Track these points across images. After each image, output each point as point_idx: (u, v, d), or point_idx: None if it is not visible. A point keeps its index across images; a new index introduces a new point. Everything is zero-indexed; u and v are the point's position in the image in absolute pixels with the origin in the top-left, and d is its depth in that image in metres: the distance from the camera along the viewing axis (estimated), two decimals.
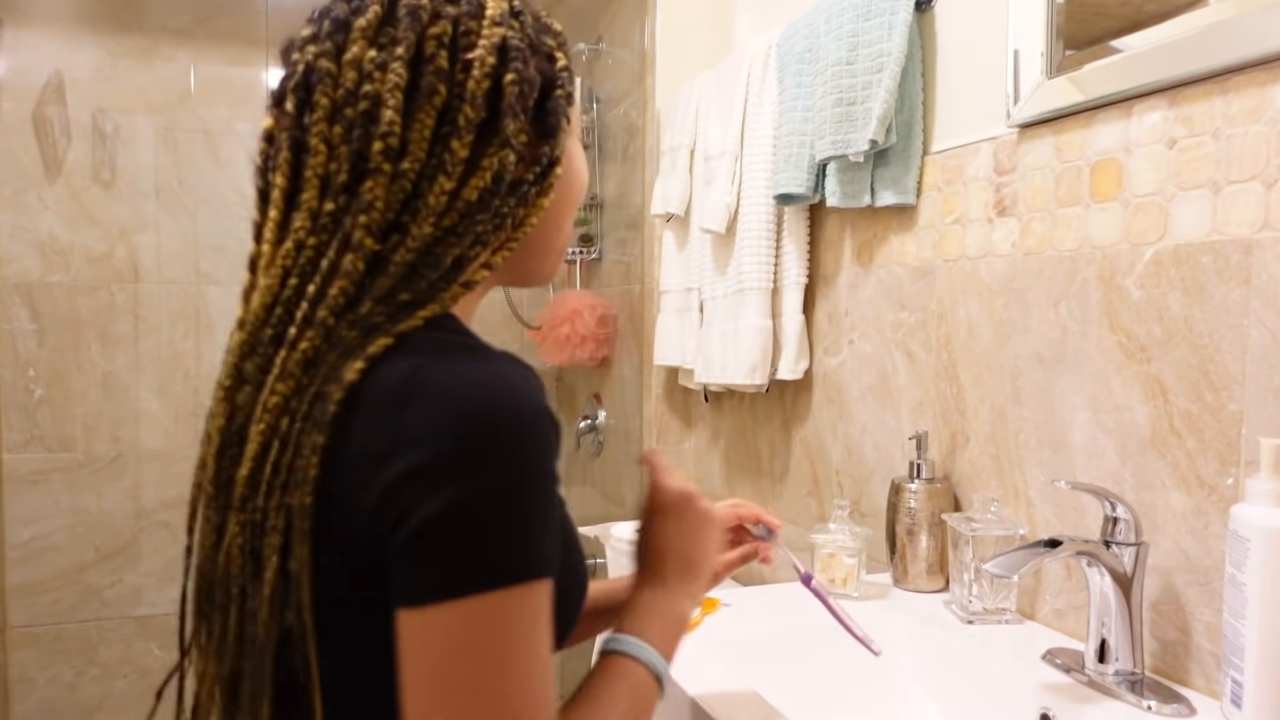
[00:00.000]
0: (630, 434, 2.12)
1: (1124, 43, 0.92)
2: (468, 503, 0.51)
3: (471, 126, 0.59)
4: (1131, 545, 0.85)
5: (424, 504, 0.51)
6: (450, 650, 0.51)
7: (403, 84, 0.58)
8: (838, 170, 1.32)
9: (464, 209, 0.59)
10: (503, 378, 0.54)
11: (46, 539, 2.22)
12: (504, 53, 0.60)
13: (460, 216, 0.59)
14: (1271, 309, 0.79)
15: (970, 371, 1.15)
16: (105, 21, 2.23)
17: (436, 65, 0.59)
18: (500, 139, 0.60)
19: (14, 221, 2.16)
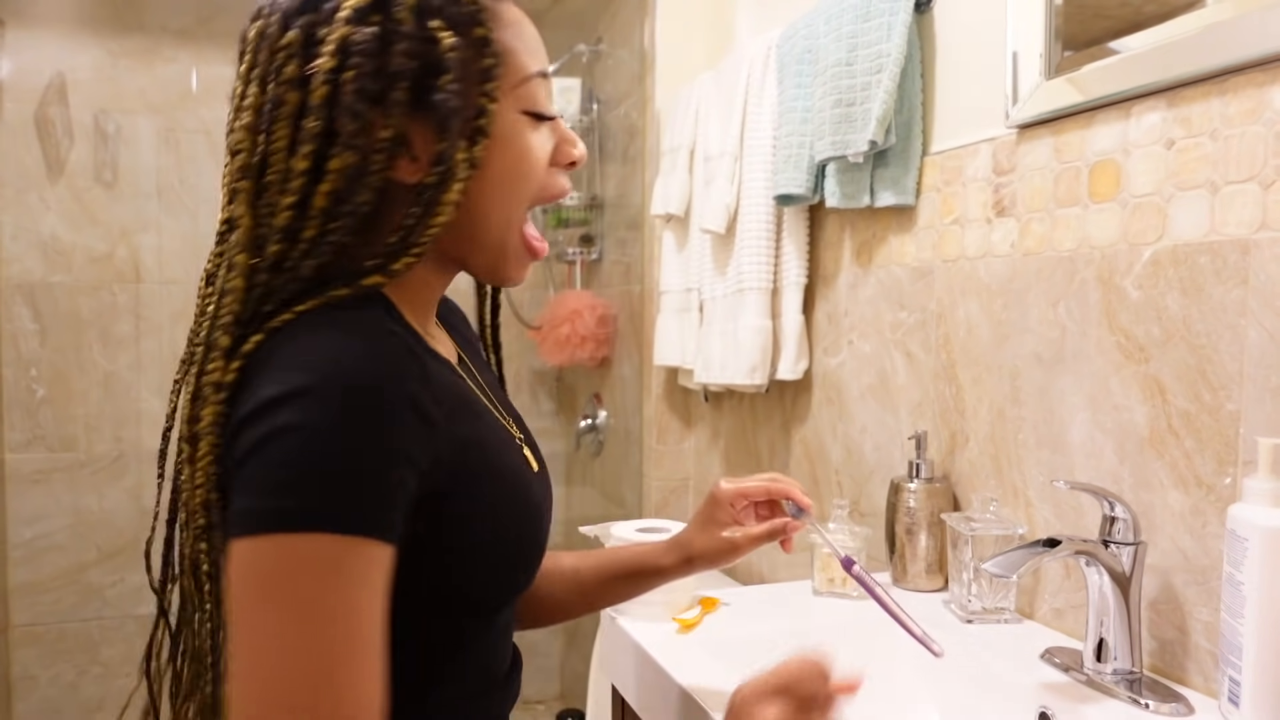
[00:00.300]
0: (630, 434, 2.12)
1: (1122, 44, 0.93)
2: (278, 437, 0.53)
3: (311, 136, 0.59)
4: (1130, 545, 0.86)
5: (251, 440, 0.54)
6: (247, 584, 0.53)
7: (256, 102, 0.61)
8: (837, 171, 1.32)
9: (318, 219, 0.60)
10: (348, 348, 0.56)
11: (48, 538, 2.22)
12: (345, 53, 0.59)
13: (317, 228, 0.60)
14: (1269, 309, 0.79)
15: (969, 371, 1.16)
16: (106, 22, 2.23)
17: (285, 76, 0.60)
18: (341, 142, 0.59)
19: (16, 222, 2.17)
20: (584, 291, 2.37)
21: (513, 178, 0.66)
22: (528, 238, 0.70)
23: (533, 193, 0.68)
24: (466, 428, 0.64)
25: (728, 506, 0.84)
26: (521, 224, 0.69)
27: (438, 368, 0.64)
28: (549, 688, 2.62)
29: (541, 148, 0.68)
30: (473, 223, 0.66)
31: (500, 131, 0.64)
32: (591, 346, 2.24)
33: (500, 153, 0.65)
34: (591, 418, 2.38)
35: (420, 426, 0.57)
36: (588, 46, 2.31)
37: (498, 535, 0.65)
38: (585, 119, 2.34)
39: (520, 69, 0.66)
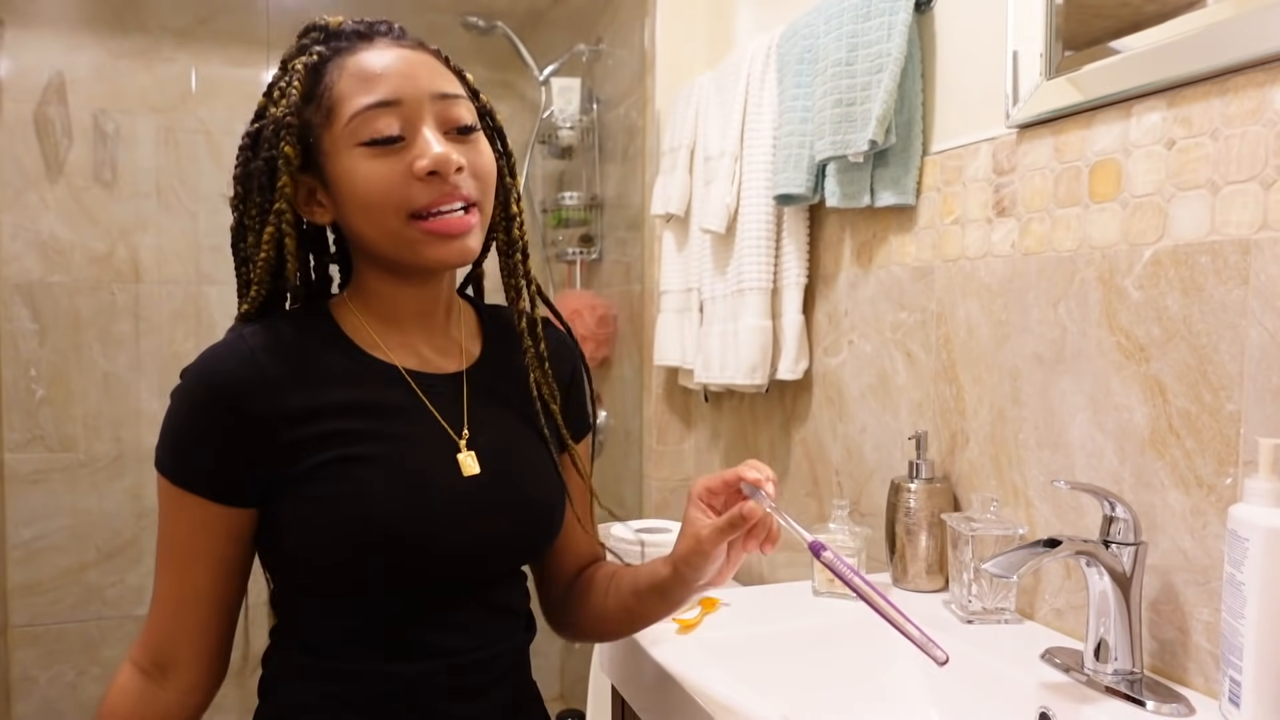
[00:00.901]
0: (630, 434, 2.12)
1: (1123, 44, 0.93)
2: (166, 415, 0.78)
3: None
4: (1130, 545, 0.86)
5: None
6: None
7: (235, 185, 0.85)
8: (837, 171, 1.32)
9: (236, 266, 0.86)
10: (207, 351, 0.77)
11: (47, 539, 2.22)
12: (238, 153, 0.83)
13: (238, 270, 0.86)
14: (1270, 309, 0.79)
15: (969, 372, 1.16)
16: (106, 22, 2.23)
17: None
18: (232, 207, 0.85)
19: (15, 221, 2.16)
20: (584, 291, 2.37)
21: (366, 201, 0.77)
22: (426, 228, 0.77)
23: (397, 207, 0.76)
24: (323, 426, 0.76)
25: (698, 503, 0.80)
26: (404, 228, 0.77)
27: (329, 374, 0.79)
28: (549, 688, 2.62)
29: (387, 169, 0.76)
30: (363, 242, 0.80)
31: (339, 169, 0.77)
32: (591, 346, 2.24)
33: (346, 184, 0.77)
34: None
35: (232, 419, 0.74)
36: (588, 46, 2.31)
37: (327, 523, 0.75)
38: (585, 119, 2.34)
39: (348, 110, 0.77)
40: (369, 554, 0.76)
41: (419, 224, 0.76)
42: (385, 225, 0.77)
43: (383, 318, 0.83)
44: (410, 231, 0.77)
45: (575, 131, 2.34)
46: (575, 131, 2.34)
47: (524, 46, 2.33)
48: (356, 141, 0.76)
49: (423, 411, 0.81)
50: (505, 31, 2.32)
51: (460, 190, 0.77)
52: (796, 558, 1.57)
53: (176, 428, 0.76)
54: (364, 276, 0.84)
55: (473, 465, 0.81)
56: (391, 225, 0.77)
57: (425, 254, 0.78)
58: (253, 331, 0.78)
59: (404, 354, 0.83)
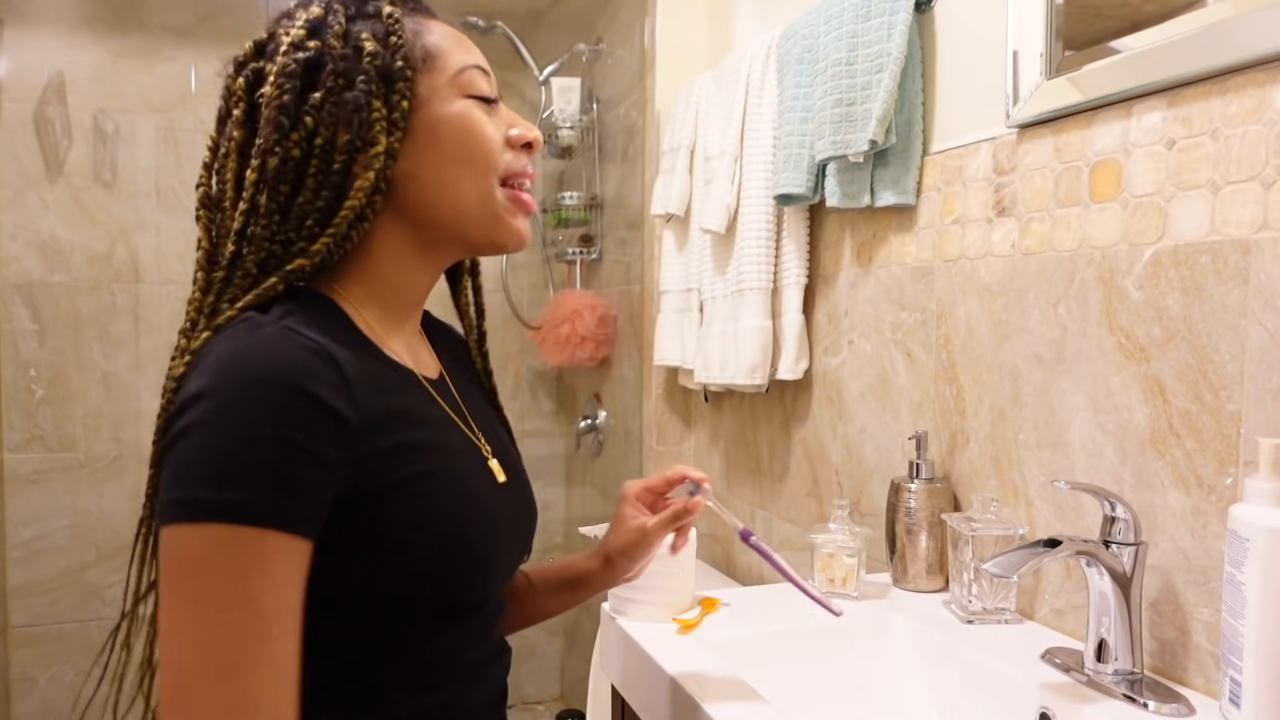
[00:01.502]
0: (630, 434, 2.12)
1: (1123, 43, 0.93)
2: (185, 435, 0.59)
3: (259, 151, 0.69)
4: (1130, 545, 0.86)
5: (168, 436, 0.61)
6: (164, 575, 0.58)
7: (212, 143, 0.73)
8: (837, 170, 1.32)
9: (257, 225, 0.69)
10: (257, 346, 0.61)
11: (47, 539, 2.22)
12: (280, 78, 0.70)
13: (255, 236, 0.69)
14: (1270, 309, 0.79)
15: (970, 372, 1.16)
16: (106, 22, 2.23)
17: (235, 116, 0.72)
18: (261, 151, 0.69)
19: (15, 221, 2.16)
20: (584, 291, 2.37)
21: (470, 151, 0.73)
22: (515, 195, 0.75)
23: (496, 166, 0.74)
24: (400, 435, 0.67)
25: (634, 502, 0.88)
26: (496, 190, 0.74)
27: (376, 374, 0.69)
28: (549, 688, 2.62)
29: (494, 127, 0.74)
30: (447, 200, 0.73)
31: (446, 115, 0.72)
32: (591, 346, 2.24)
33: (452, 132, 0.72)
34: (591, 418, 2.37)
35: (328, 425, 0.60)
36: (588, 46, 2.31)
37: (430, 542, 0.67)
38: (585, 119, 2.34)
39: (454, 63, 0.74)
40: (458, 577, 0.69)
41: (509, 191, 0.75)
42: (483, 182, 0.73)
43: (386, 310, 0.75)
44: (500, 195, 0.74)
45: (575, 131, 2.34)
46: (575, 131, 2.34)
47: (524, 46, 2.34)
48: (466, 93, 0.73)
49: (447, 419, 0.76)
50: (505, 31, 2.32)
51: (532, 170, 0.78)
52: (796, 558, 1.57)
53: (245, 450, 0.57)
54: (381, 254, 0.74)
55: (500, 473, 0.79)
56: (487, 184, 0.74)
57: (506, 223, 0.75)
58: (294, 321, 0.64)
59: (404, 353, 0.76)
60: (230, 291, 0.68)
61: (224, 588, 0.56)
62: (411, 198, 0.73)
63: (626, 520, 0.87)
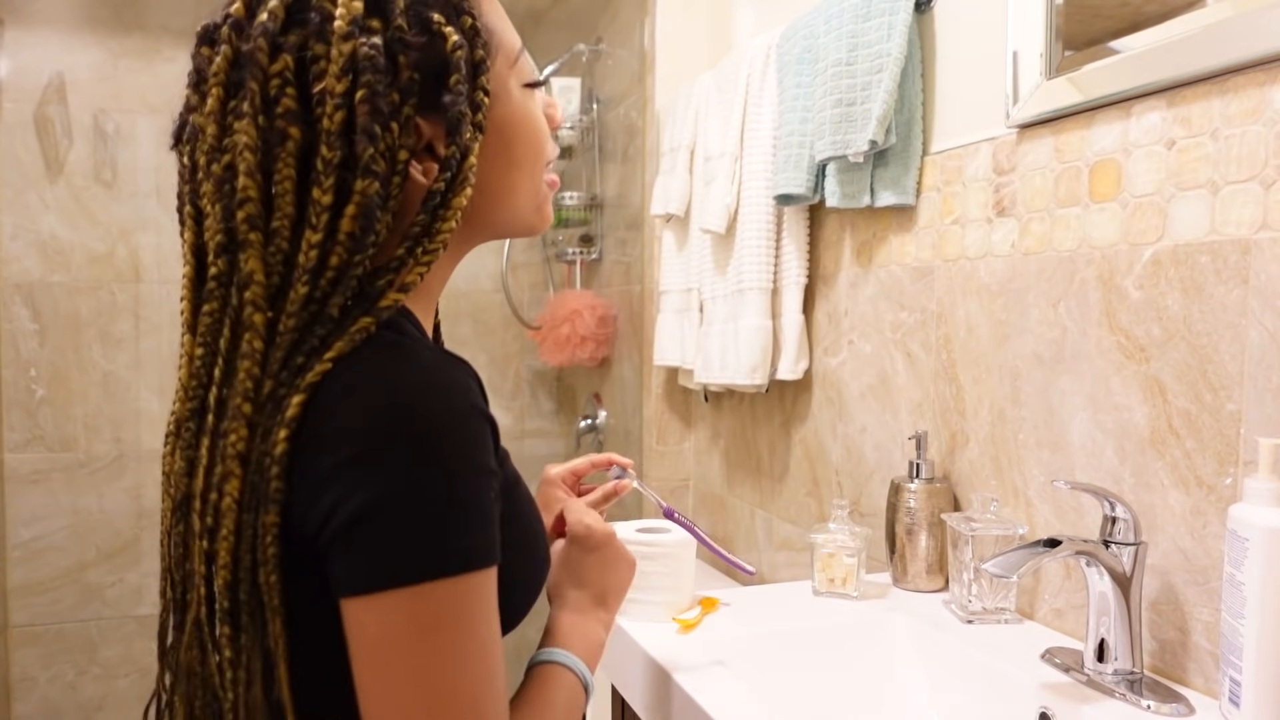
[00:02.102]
0: (630, 434, 2.12)
1: (1123, 43, 0.93)
2: (394, 493, 0.51)
3: (331, 167, 0.55)
4: (1130, 545, 0.86)
5: (354, 494, 0.51)
6: (386, 641, 0.52)
7: (253, 142, 0.55)
8: (837, 171, 1.32)
9: (342, 257, 0.55)
10: (426, 374, 0.54)
11: (47, 539, 2.22)
12: (355, 71, 0.55)
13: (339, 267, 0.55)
14: (1269, 309, 0.79)
15: (969, 371, 1.16)
16: (106, 22, 2.23)
17: (284, 108, 0.55)
18: (361, 169, 0.55)
19: (15, 221, 2.17)
20: (584, 291, 2.37)
21: (533, 152, 0.67)
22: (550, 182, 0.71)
23: (547, 153, 0.69)
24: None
25: (560, 485, 0.90)
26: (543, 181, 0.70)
27: None
28: None
29: (542, 114, 0.69)
30: (507, 201, 0.67)
31: (512, 112, 0.65)
32: (591, 346, 2.24)
33: (517, 131, 0.65)
34: (591, 418, 2.37)
35: (494, 441, 0.57)
36: (588, 46, 2.31)
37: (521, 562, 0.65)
38: (585, 119, 2.34)
39: (512, 45, 0.66)
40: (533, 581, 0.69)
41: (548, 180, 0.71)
42: (538, 175, 0.68)
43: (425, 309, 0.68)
44: (544, 187, 0.70)
45: (575, 131, 2.34)
46: (575, 131, 2.34)
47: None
48: (525, 81, 0.67)
49: None
50: None
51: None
52: (796, 558, 1.57)
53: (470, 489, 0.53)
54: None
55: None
56: (540, 177, 0.69)
57: (545, 212, 0.71)
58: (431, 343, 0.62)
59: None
60: (309, 341, 0.55)
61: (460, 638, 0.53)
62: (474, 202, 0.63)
63: (554, 503, 0.87)
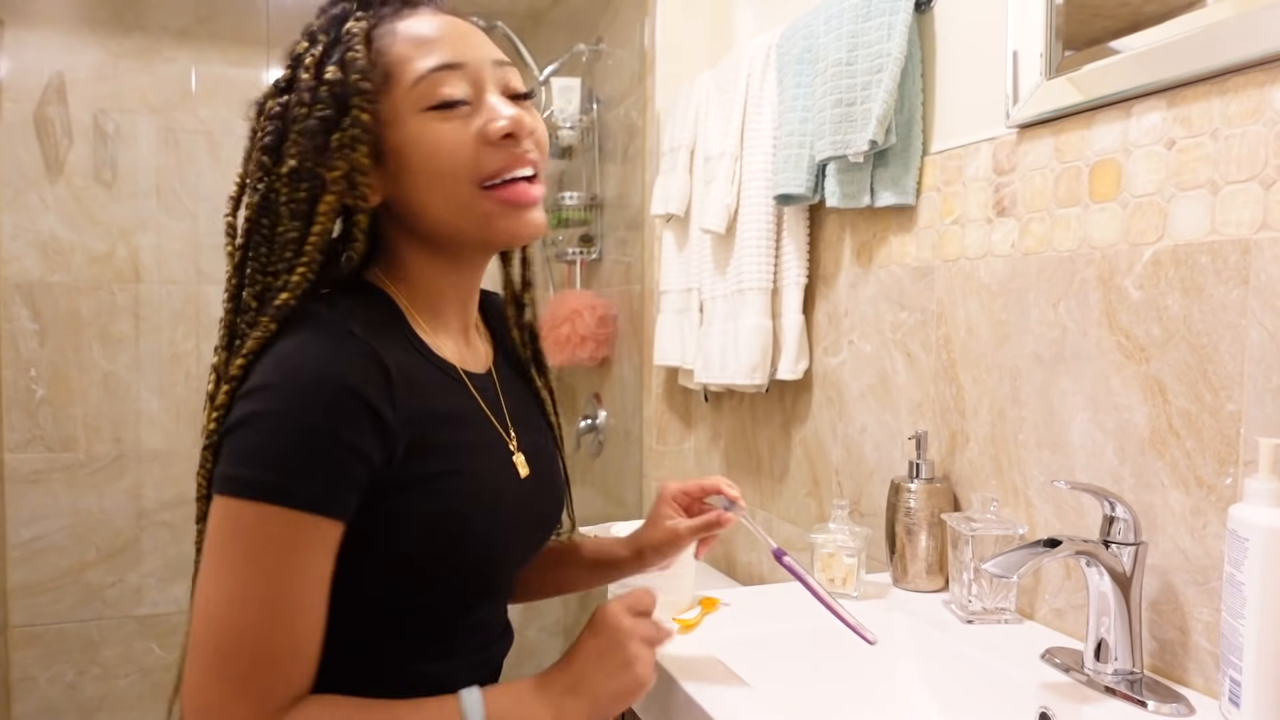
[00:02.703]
0: (630, 434, 2.12)
1: (1123, 43, 0.93)
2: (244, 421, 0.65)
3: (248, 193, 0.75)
4: (1130, 545, 0.86)
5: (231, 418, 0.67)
6: (209, 537, 0.65)
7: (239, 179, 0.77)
8: (837, 171, 1.32)
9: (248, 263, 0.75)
10: (317, 345, 0.67)
11: (47, 539, 2.22)
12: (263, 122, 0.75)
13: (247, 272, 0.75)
14: (1270, 309, 0.79)
15: (969, 371, 1.16)
16: (106, 22, 2.23)
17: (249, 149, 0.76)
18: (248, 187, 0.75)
19: (15, 221, 2.17)
20: (584, 291, 2.37)
21: (438, 169, 0.72)
22: (500, 197, 0.74)
23: (468, 174, 0.73)
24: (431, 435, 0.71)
25: (671, 502, 0.94)
26: (477, 198, 0.73)
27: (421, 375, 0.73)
28: None
29: (457, 134, 0.73)
30: (430, 217, 0.74)
31: (406, 137, 0.72)
32: (591, 346, 2.24)
33: (415, 152, 0.72)
34: (591, 418, 2.37)
35: (369, 423, 0.66)
36: (588, 46, 2.31)
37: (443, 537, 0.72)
38: (585, 119, 2.34)
39: (411, 73, 0.72)
40: (463, 570, 0.74)
41: (493, 193, 0.73)
42: (457, 195, 0.73)
43: (431, 309, 0.79)
44: (483, 202, 0.73)
45: (575, 131, 2.34)
46: (575, 131, 2.34)
47: (524, 46, 2.33)
48: (424, 106, 0.72)
49: (482, 416, 0.79)
50: (505, 31, 2.32)
51: (529, 155, 0.75)
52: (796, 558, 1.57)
53: (296, 440, 0.64)
54: (409, 263, 0.78)
55: (525, 467, 0.82)
56: (464, 195, 0.73)
57: (498, 226, 0.74)
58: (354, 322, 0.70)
59: (452, 350, 0.80)
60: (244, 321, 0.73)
61: (268, 556, 0.63)
62: (408, 219, 0.76)
63: (661, 519, 0.94)
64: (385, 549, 0.70)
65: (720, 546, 1.85)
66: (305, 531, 0.64)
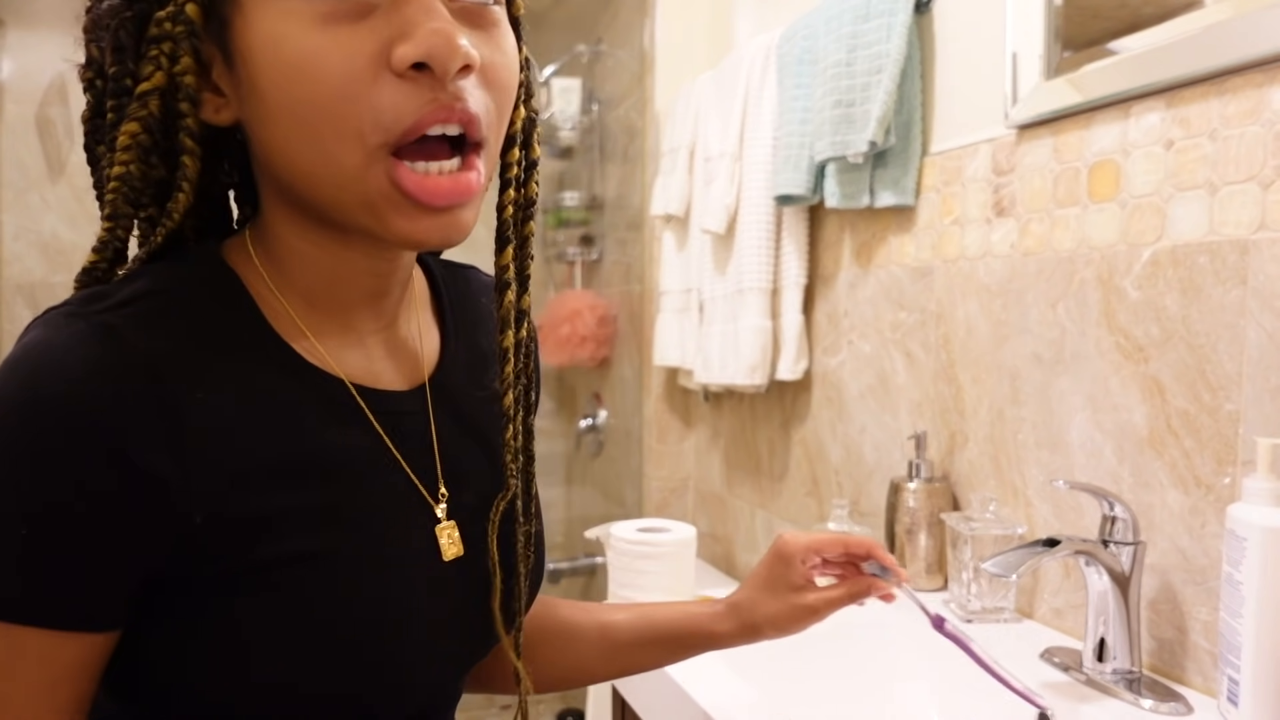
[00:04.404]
0: (630, 434, 2.13)
1: (1121, 44, 0.93)
2: None
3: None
4: (1129, 544, 0.86)
5: None
6: None
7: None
8: (837, 171, 1.32)
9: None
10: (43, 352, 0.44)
11: None
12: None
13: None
14: (1268, 309, 0.80)
15: (969, 372, 1.16)
16: None
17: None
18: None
19: (17, 222, 2.17)
20: (584, 291, 2.37)
21: (304, 103, 0.45)
22: (402, 182, 0.47)
23: (358, 121, 0.45)
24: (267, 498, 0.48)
25: (798, 564, 0.72)
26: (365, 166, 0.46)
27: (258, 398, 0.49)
28: None
29: (344, 50, 0.45)
30: (290, 170, 0.49)
31: (260, 36, 0.46)
32: (591, 346, 2.24)
33: (265, 69, 0.46)
34: (591, 418, 2.38)
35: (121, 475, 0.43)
36: (588, 46, 2.31)
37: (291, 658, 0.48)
38: (585, 119, 2.34)
39: None
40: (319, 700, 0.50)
41: (395, 172, 0.47)
42: (336, 157, 0.46)
43: (312, 300, 0.53)
44: (375, 179, 0.47)
45: (575, 132, 2.34)
46: (575, 132, 2.34)
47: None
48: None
49: (387, 460, 0.54)
50: None
51: (462, 103, 0.47)
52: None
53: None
54: (276, 229, 0.53)
55: (455, 544, 0.56)
56: (347, 160, 0.46)
57: (390, 221, 0.48)
58: (129, 313, 0.46)
59: (348, 356, 0.55)
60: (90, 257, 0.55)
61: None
62: (264, 162, 0.51)
63: (787, 587, 0.72)
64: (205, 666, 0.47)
65: (719, 546, 1.85)
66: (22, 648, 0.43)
